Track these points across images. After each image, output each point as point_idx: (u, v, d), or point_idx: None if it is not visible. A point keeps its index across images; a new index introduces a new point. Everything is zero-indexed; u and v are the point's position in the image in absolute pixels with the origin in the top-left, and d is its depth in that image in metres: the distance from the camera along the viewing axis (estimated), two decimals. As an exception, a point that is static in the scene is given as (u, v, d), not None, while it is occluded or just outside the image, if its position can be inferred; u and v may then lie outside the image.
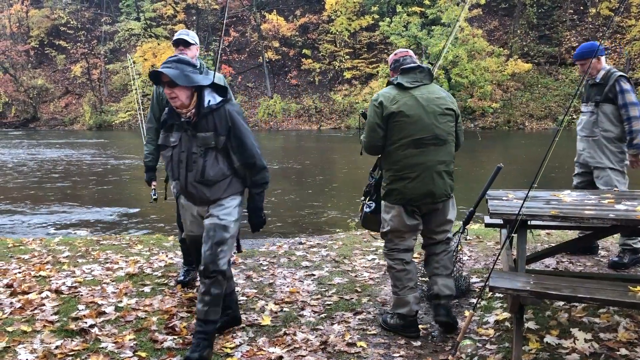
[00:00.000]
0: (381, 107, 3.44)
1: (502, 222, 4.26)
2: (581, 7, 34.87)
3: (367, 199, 3.88)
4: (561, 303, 3.87)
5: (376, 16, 34.94)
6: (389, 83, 3.60)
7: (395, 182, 3.50)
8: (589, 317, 3.67)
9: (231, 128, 3.20)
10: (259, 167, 3.31)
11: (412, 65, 3.56)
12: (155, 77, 3.17)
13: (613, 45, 32.52)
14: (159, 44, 39.11)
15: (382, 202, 3.64)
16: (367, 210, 3.83)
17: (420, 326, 3.61)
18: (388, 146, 3.49)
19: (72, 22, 43.63)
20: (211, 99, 3.24)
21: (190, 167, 3.21)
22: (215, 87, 3.30)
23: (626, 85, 4.54)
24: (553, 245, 5.13)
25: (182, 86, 3.12)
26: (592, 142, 4.76)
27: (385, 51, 35.99)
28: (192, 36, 4.25)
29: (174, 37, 4.23)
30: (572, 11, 34.96)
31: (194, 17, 42.16)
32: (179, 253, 5.51)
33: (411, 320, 3.53)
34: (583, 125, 4.85)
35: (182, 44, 4.21)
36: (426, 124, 3.43)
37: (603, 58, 4.73)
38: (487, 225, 4.68)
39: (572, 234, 5.47)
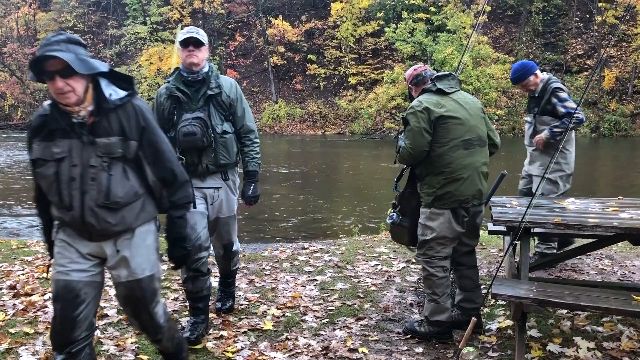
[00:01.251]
0: (427, 112, 3.43)
1: (505, 229, 4.25)
2: (587, 15, 34.85)
3: (392, 210, 3.85)
4: (564, 311, 3.86)
5: (382, 22, 34.99)
6: (424, 91, 3.61)
7: (448, 184, 3.45)
8: (592, 325, 3.66)
9: (144, 130, 2.44)
10: (181, 181, 2.55)
11: (445, 73, 3.66)
12: (37, 65, 2.27)
13: (619, 53, 32.48)
14: (164, 48, 39.24)
15: (426, 210, 3.55)
16: (390, 221, 3.77)
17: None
18: (436, 149, 3.46)
19: (79, 26, 43.86)
20: (112, 92, 2.42)
21: (86, 186, 2.34)
22: (115, 77, 2.46)
23: (563, 95, 4.78)
24: (556, 252, 5.11)
25: (79, 75, 2.29)
26: (531, 151, 5.03)
27: (391, 57, 36.05)
28: (202, 35, 3.62)
29: (182, 36, 3.57)
30: (577, 19, 34.95)
31: (200, 22, 42.29)
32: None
33: (448, 327, 3.57)
34: (526, 135, 5.13)
35: (194, 43, 3.54)
36: (471, 125, 3.51)
37: (539, 72, 4.93)
38: (491, 232, 4.68)
39: (576, 242, 5.45)
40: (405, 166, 3.77)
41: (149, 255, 2.54)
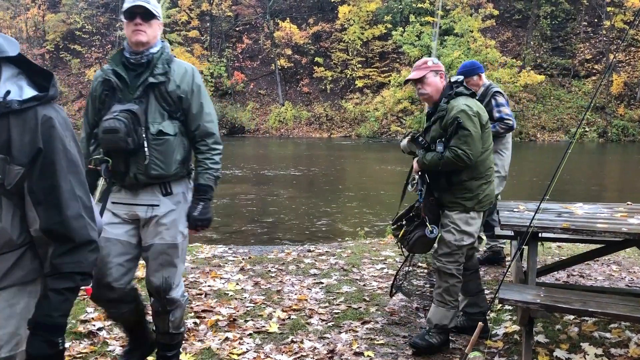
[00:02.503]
0: (478, 117, 3.42)
1: (512, 233, 4.23)
2: (595, 20, 34.74)
3: (423, 223, 3.54)
4: (572, 317, 3.83)
5: (389, 25, 35.01)
6: (458, 94, 3.49)
7: (486, 187, 3.49)
8: (600, 331, 3.63)
9: (39, 155, 1.66)
10: (78, 242, 1.70)
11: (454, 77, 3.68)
12: None
13: (627, 58, 32.34)
14: (172, 50, 39.26)
15: (464, 215, 3.44)
16: (432, 235, 3.49)
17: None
18: (480, 154, 3.44)
19: (87, 27, 44.11)
20: (14, 88, 1.69)
21: None
22: (29, 69, 1.76)
23: (501, 99, 4.79)
24: (564, 258, 5.08)
25: None
26: None
27: (398, 60, 36.05)
28: (154, 4, 2.80)
29: (126, 5, 2.76)
30: (586, 23, 34.85)
31: (208, 24, 42.46)
32: (188, 258, 5.52)
33: (448, 331, 3.56)
34: None
35: (142, 15, 2.75)
36: None
37: (483, 75, 4.98)
38: (498, 236, 4.65)
39: (584, 247, 5.42)
40: (419, 172, 3.54)
41: (11, 327, 1.71)
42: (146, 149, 2.69)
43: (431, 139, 3.49)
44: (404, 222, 3.65)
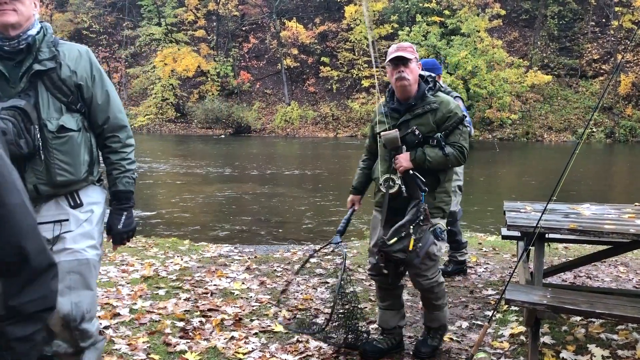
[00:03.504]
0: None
1: (519, 234, 4.22)
2: (603, 20, 34.57)
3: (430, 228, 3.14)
4: (578, 318, 3.82)
5: (395, 25, 34.96)
6: (439, 89, 3.38)
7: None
8: (607, 333, 3.61)
9: None
10: (35, 268, 1.28)
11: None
12: None
13: (635, 58, 32.16)
14: (179, 49, 39.49)
15: (443, 221, 3.24)
16: (444, 237, 3.22)
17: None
18: None
19: (94, 26, 44.30)
20: None
21: None
22: None
23: (461, 105, 4.55)
24: (571, 259, 5.06)
25: None
26: None
27: (404, 60, 35.88)
28: None
29: None
30: (593, 23, 34.68)
31: (214, 24, 42.54)
32: (194, 257, 5.54)
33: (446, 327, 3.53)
34: None
35: None
36: None
37: (441, 77, 4.82)
38: (504, 237, 4.64)
39: (591, 248, 5.39)
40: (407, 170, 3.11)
41: None
42: (43, 152, 2.23)
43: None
44: (410, 231, 3.02)
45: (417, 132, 3.13)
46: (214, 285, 4.60)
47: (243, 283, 4.67)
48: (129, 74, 43.21)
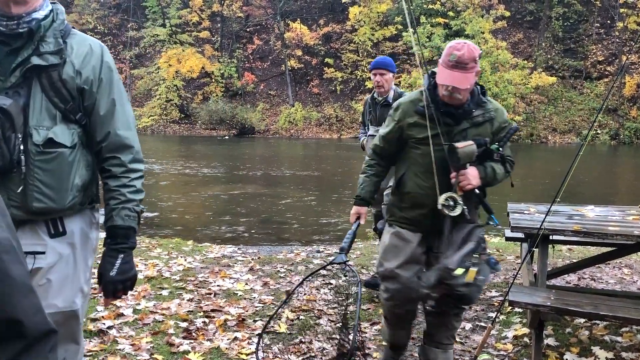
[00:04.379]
0: None
1: (523, 236, 4.21)
2: (608, 21, 34.48)
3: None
4: (582, 320, 3.81)
5: (399, 26, 34.94)
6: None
7: None
8: (611, 335, 3.60)
9: None
10: (32, 337, 0.96)
11: None
12: None
13: (640, 60, 32.06)
14: (183, 50, 39.59)
15: None
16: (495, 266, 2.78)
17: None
18: None
19: (99, 27, 44.45)
20: None
21: None
22: None
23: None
24: (575, 261, 5.05)
25: None
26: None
27: (408, 62, 35.92)
28: None
29: None
30: (598, 25, 34.60)
31: (219, 25, 42.62)
32: (198, 257, 5.55)
33: None
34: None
35: None
36: None
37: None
38: (508, 239, 4.63)
39: (595, 250, 5.38)
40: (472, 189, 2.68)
41: None
42: (24, 168, 1.77)
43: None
44: (474, 261, 2.58)
45: (490, 145, 2.71)
46: (218, 285, 4.60)
47: (246, 284, 4.68)
48: (133, 75, 43.32)
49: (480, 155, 2.67)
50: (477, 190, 2.67)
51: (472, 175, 2.63)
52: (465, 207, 2.62)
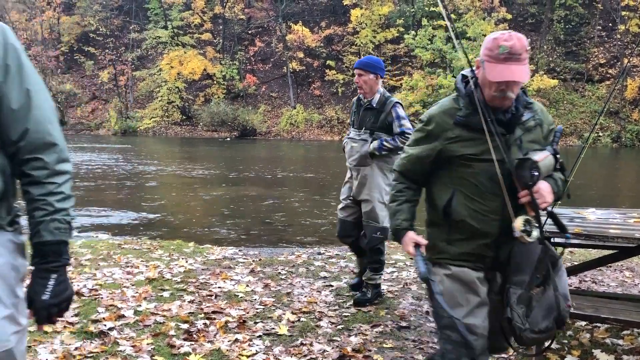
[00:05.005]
0: None
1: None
2: (610, 24, 34.49)
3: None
4: (583, 323, 3.80)
5: (401, 29, 34.99)
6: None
7: None
8: (612, 338, 3.60)
9: None
10: None
11: None
12: None
13: (642, 62, 32.04)
14: (185, 52, 39.66)
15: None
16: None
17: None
18: None
19: (101, 29, 44.55)
20: None
21: None
22: None
23: (402, 112, 4.25)
24: (576, 263, 5.04)
25: None
26: (368, 174, 4.25)
27: (410, 64, 35.98)
28: None
29: None
30: (600, 28, 34.60)
31: (221, 27, 42.69)
32: (199, 259, 5.55)
33: None
34: (354, 154, 4.28)
35: None
36: None
37: (380, 80, 4.33)
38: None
39: (596, 253, 5.37)
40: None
41: None
42: None
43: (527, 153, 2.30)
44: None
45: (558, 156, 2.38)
46: (219, 287, 4.61)
47: (247, 285, 4.68)
48: (135, 77, 43.40)
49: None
50: (550, 208, 2.31)
51: (546, 192, 2.25)
52: (535, 226, 2.23)
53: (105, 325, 3.68)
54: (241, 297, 4.39)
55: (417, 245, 2.36)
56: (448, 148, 2.32)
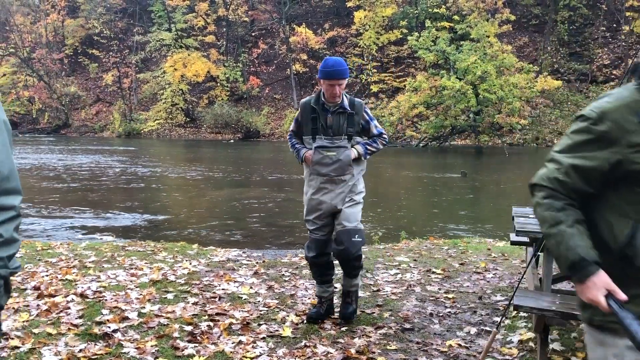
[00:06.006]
0: None
1: (528, 240, 4.20)
2: (614, 25, 34.42)
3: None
4: (588, 325, 3.79)
5: (405, 30, 34.99)
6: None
7: None
8: (617, 340, 3.58)
9: None
10: None
11: None
12: None
13: (646, 63, 31.95)
14: (189, 55, 39.74)
15: None
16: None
17: (448, 342, 3.58)
18: None
19: (105, 32, 44.70)
20: None
21: None
22: None
23: (371, 113, 4.03)
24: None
25: None
26: (342, 184, 3.91)
27: (413, 65, 35.97)
28: None
29: None
30: (604, 28, 34.53)
31: (224, 29, 42.77)
32: (203, 261, 5.56)
33: None
34: (333, 164, 3.86)
35: None
36: None
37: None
38: (513, 243, 4.62)
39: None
40: None
41: None
42: None
43: None
44: None
45: None
46: (222, 289, 4.61)
47: (251, 287, 4.68)
48: (139, 79, 43.51)
49: None
50: None
51: None
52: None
53: (109, 327, 3.68)
54: (245, 299, 4.39)
55: (609, 294, 1.58)
56: (632, 159, 1.62)
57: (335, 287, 4.26)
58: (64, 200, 11.90)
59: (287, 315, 4.04)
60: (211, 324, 3.84)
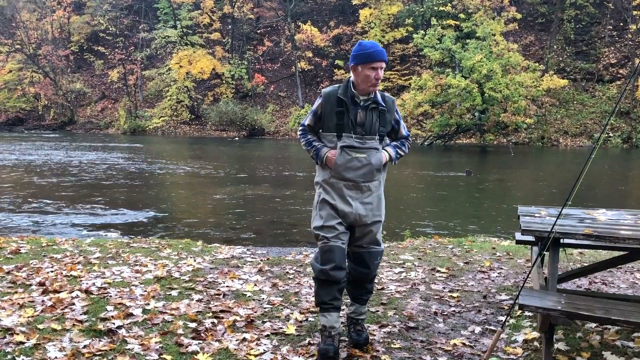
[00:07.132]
0: None
1: (533, 239, 4.18)
2: (621, 24, 34.24)
3: None
4: (593, 325, 3.77)
5: (410, 28, 34.92)
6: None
7: None
8: (623, 340, 3.56)
9: None
10: None
11: None
12: None
13: (653, 62, 31.80)
14: (194, 52, 39.77)
15: None
16: None
17: (452, 341, 3.57)
18: None
19: (111, 29, 44.80)
20: None
21: None
22: None
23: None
24: (586, 264, 5.01)
25: None
26: (374, 191, 3.48)
27: (418, 64, 35.89)
28: None
29: None
30: (611, 27, 34.36)
31: (230, 26, 42.77)
32: (207, 258, 5.56)
33: None
34: (362, 167, 3.35)
35: None
36: None
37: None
38: (518, 242, 4.60)
39: (606, 254, 5.33)
40: None
41: None
42: None
43: None
44: None
45: None
46: (227, 286, 4.61)
47: (255, 285, 4.68)
48: (144, 76, 43.59)
49: None
50: None
51: None
52: None
53: (113, 323, 3.69)
54: (249, 296, 4.39)
55: None
56: None
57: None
58: (69, 196, 11.94)
59: (291, 313, 4.04)
60: (215, 321, 3.84)
